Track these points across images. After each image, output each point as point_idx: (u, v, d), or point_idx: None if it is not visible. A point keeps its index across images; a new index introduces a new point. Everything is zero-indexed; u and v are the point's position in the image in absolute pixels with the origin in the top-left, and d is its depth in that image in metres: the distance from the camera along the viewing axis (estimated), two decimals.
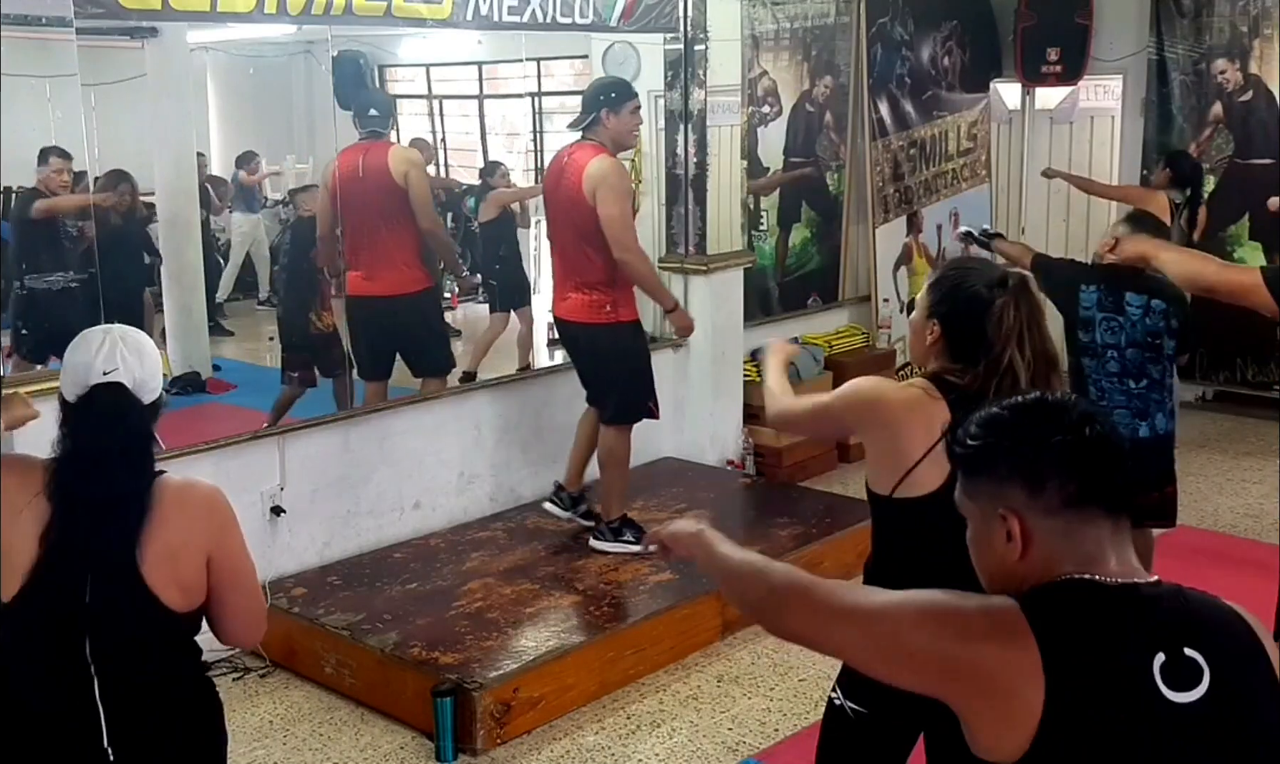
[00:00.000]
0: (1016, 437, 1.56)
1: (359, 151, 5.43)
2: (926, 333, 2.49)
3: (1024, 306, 2.39)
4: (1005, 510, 1.53)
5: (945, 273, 2.58)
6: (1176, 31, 7.62)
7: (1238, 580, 5.13)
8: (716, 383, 6.37)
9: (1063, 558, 1.51)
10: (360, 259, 5.50)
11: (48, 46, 3.98)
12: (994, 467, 1.56)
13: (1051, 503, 1.51)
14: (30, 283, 5.02)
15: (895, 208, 7.68)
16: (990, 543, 1.56)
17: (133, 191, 6.33)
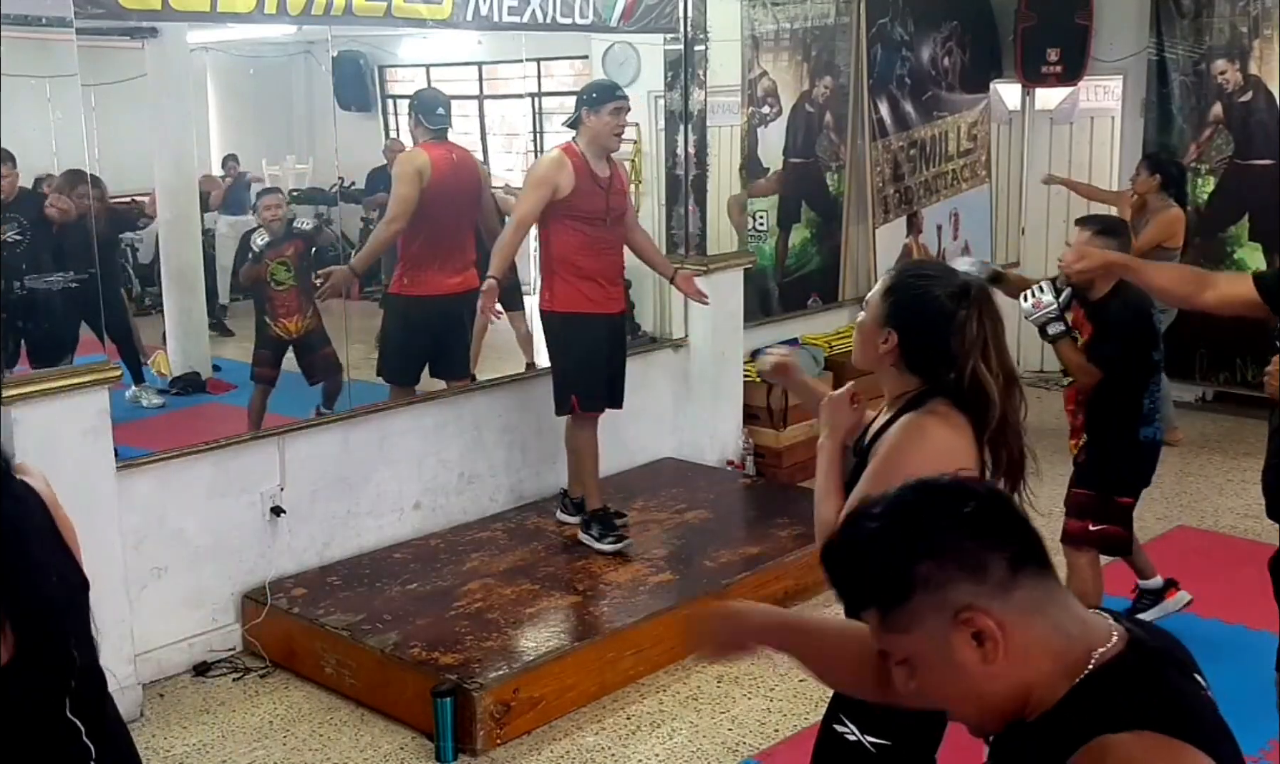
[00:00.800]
0: (934, 528, 1.33)
1: (447, 149, 5.51)
2: (879, 340, 2.35)
3: (988, 318, 2.28)
4: (961, 614, 1.30)
5: (904, 279, 2.40)
6: (1176, 32, 7.62)
7: (1238, 581, 5.14)
8: (716, 383, 6.37)
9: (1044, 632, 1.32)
10: (442, 257, 5.50)
11: (48, 46, 3.97)
12: (921, 580, 1.31)
13: (1001, 577, 1.31)
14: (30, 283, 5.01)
15: (895, 208, 7.68)
16: (955, 669, 1.32)
17: (102, 196, 6.29)
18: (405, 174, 5.44)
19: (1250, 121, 7.40)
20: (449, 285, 5.49)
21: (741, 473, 6.31)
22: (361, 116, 8.66)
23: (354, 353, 5.71)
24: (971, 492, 1.38)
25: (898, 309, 2.34)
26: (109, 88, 6.76)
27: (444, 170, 5.43)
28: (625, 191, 5.15)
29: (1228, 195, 7.49)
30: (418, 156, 5.45)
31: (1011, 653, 1.30)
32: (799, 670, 4.54)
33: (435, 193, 5.39)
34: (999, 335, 2.30)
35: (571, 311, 4.98)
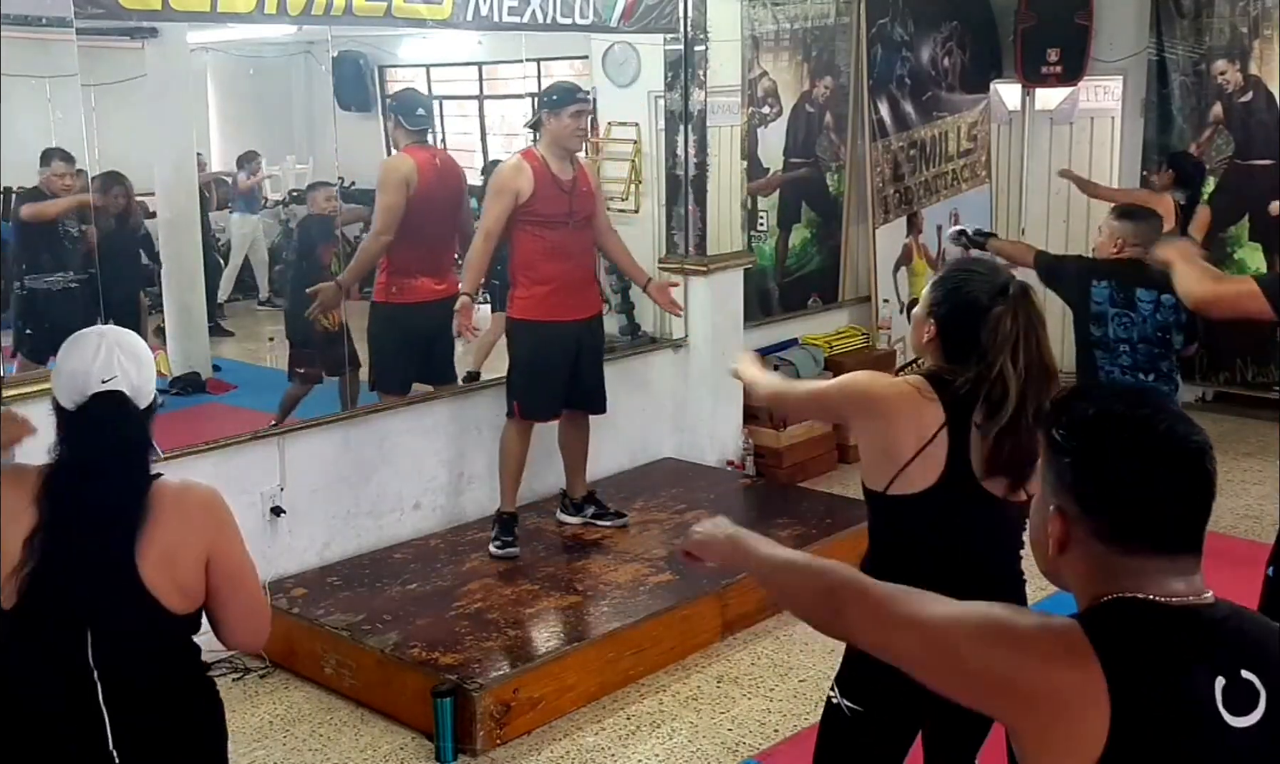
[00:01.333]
0: (1089, 451, 1.46)
1: (430, 153, 5.47)
2: (924, 329, 2.50)
3: (1022, 317, 2.36)
4: (1055, 509, 1.49)
5: (949, 272, 2.57)
6: (1176, 32, 7.62)
7: (1238, 581, 5.13)
8: (716, 383, 6.37)
9: (1104, 577, 1.46)
10: (429, 262, 5.46)
11: (48, 46, 3.98)
12: (1062, 467, 1.48)
13: (1102, 530, 1.45)
14: (30, 283, 5.03)
15: (895, 208, 7.68)
16: (1040, 520, 1.53)
17: (127, 195, 6.32)
18: (391, 182, 5.32)
19: (1250, 122, 7.40)
20: (436, 291, 5.40)
21: (741, 473, 6.31)
22: (361, 116, 8.68)
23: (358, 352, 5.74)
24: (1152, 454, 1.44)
25: (940, 301, 2.48)
26: (109, 88, 6.77)
27: (429, 175, 5.36)
28: (591, 194, 5.07)
29: (1228, 195, 7.48)
30: (403, 163, 5.34)
31: (1065, 558, 1.49)
32: (799, 671, 4.55)
33: (421, 199, 5.31)
34: (1035, 332, 2.38)
35: (526, 318, 4.96)
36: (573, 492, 5.30)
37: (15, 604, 2.05)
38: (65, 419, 2.15)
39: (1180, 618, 1.42)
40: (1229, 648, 1.43)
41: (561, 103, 4.87)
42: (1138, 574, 1.43)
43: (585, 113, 4.95)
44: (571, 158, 4.96)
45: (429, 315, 5.40)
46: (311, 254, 6.08)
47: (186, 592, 2.15)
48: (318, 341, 5.83)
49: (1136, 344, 4.33)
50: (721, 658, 4.62)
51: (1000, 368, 2.34)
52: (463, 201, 5.65)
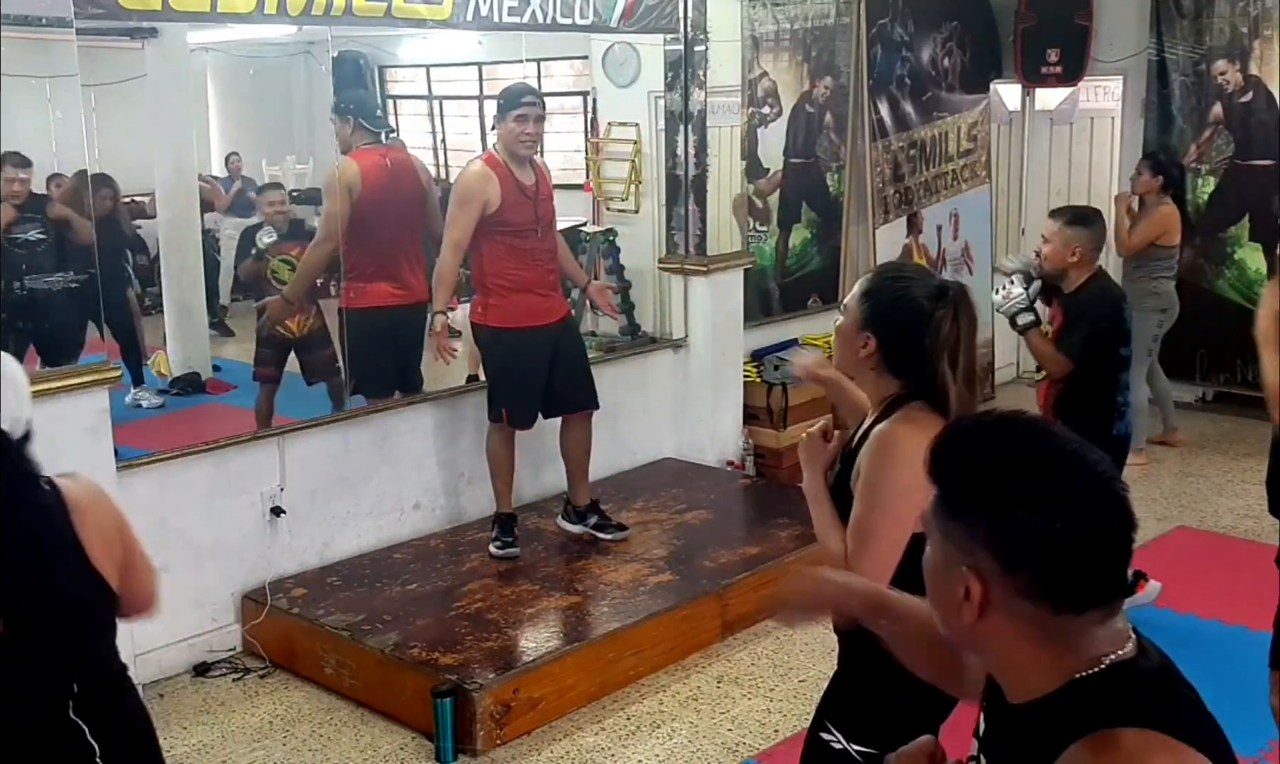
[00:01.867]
0: (1013, 497, 1.30)
1: (380, 154, 5.35)
2: (859, 345, 2.33)
3: (963, 319, 2.25)
4: (969, 568, 1.32)
5: (881, 282, 2.37)
6: (1177, 32, 7.62)
7: (1238, 581, 5.14)
8: (716, 383, 6.37)
9: (1036, 641, 1.32)
10: (387, 266, 5.37)
11: (48, 46, 3.97)
12: (972, 517, 1.32)
13: (1030, 590, 1.30)
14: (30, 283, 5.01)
15: (895, 209, 7.67)
16: (947, 585, 1.36)
17: (114, 197, 6.30)
18: (332, 190, 5.29)
19: (1250, 122, 7.40)
20: (397, 295, 5.34)
21: (741, 473, 6.31)
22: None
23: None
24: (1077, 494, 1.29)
25: (876, 312, 2.32)
26: (109, 88, 6.77)
27: (377, 178, 5.26)
28: (550, 199, 4.99)
29: (1228, 196, 7.49)
30: (346, 169, 5.25)
31: (989, 627, 1.33)
32: (799, 671, 4.56)
33: (369, 203, 5.22)
34: (970, 337, 2.27)
35: (503, 326, 4.90)
36: (575, 499, 5.21)
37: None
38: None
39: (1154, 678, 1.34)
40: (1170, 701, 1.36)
41: (507, 106, 4.78)
42: (1079, 633, 1.31)
43: (531, 117, 4.76)
44: (529, 160, 4.88)
45: (393, 319, 5.35)
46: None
47: (119, 568, 2.19)
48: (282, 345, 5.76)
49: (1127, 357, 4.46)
50: (721, 658, 4.62)
51: (939, 373, 2.23)
52: (423, 201, 5.49)
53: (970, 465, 1.35)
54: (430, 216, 5.45)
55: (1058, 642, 1.32)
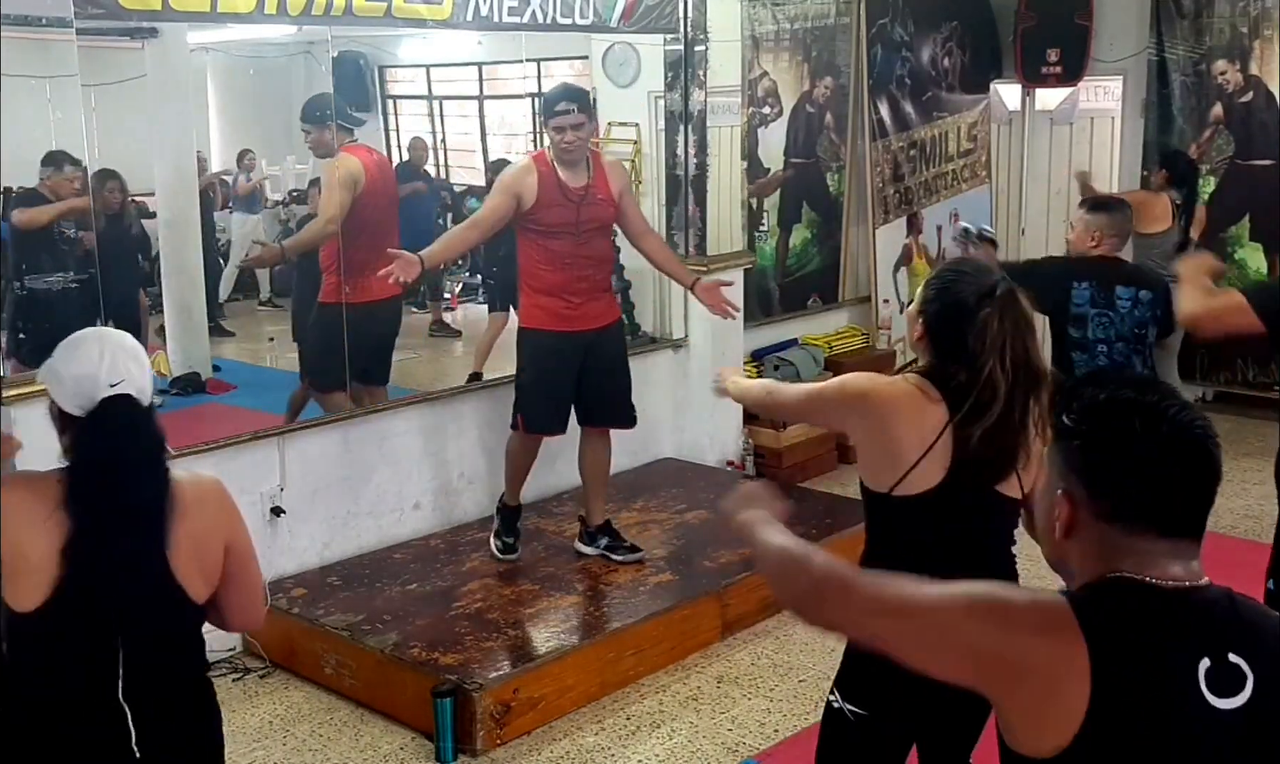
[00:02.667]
0: (1097, 434, 1.50)
1: (368, 152, 5.42)
2: (916, 326, 2.52)
3: (1009, 319, 2.36)
4: (1063, 492, 1.52)
5: (940, 271, 2.59)
6: (1177, 32, 7.62)
7: (1238, 581, 5.13)
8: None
9: (1105, 558, 1.49)
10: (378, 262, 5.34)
11: (48, 46, 3.98)
12: (1070, 450, 1.52)
13: (1105, 511, 1.49)
14: (30, 283, 5.02)
15: (895, 209, 7.68)
16: (1047, 506, 1.57)
17: (122, 190, 6.31)
18: (340, 180, 5.31)
19: (1251, 122, 7.40)
20: (389, 289, 5.20)
21: (741, 473, 6.31)
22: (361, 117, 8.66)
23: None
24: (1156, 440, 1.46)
25: (930, 300, 2.49)
26: (109, 88, 6.76)
27: (374, 175, 5.36)
28: (610, 201, 4.76)
29: (1228, 195, 7.49)
30: (348, 163, 5.31)
31: (1072, 541, 1.52)
32: (799, 671, 4.55)
33: (369, 198, 5.30)
34: (1023, 335, 2.37)
35: (530, 327, 4.80)
36: (590, 517, 5.07)
37: (41, 608, 2.05)
38: (76, 425, 2.14)
39: (1170, 599, 1.46)
40: (1218, 631, 1.46)
41: (544, 115, 4.71)
42: (1140, 556, 1.47)
43: (567, 126, 4.58)
44: (586, 163, 4.70)
45: (381, 316, 5.40)
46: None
47: (209, 579, 2.20)
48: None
49: (1114, 343, 4.29)
50: (721, 658, 4.62)
51: (989, 371, 2.33)
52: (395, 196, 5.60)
53: (1082, 401, 1.53)
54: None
55: (1128, 563, 1.47)
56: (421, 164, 8.52)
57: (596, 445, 4.99)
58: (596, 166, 4.77)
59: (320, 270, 5.55)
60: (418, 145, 8.71)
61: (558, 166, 4.65)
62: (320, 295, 5.49)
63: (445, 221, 9.42)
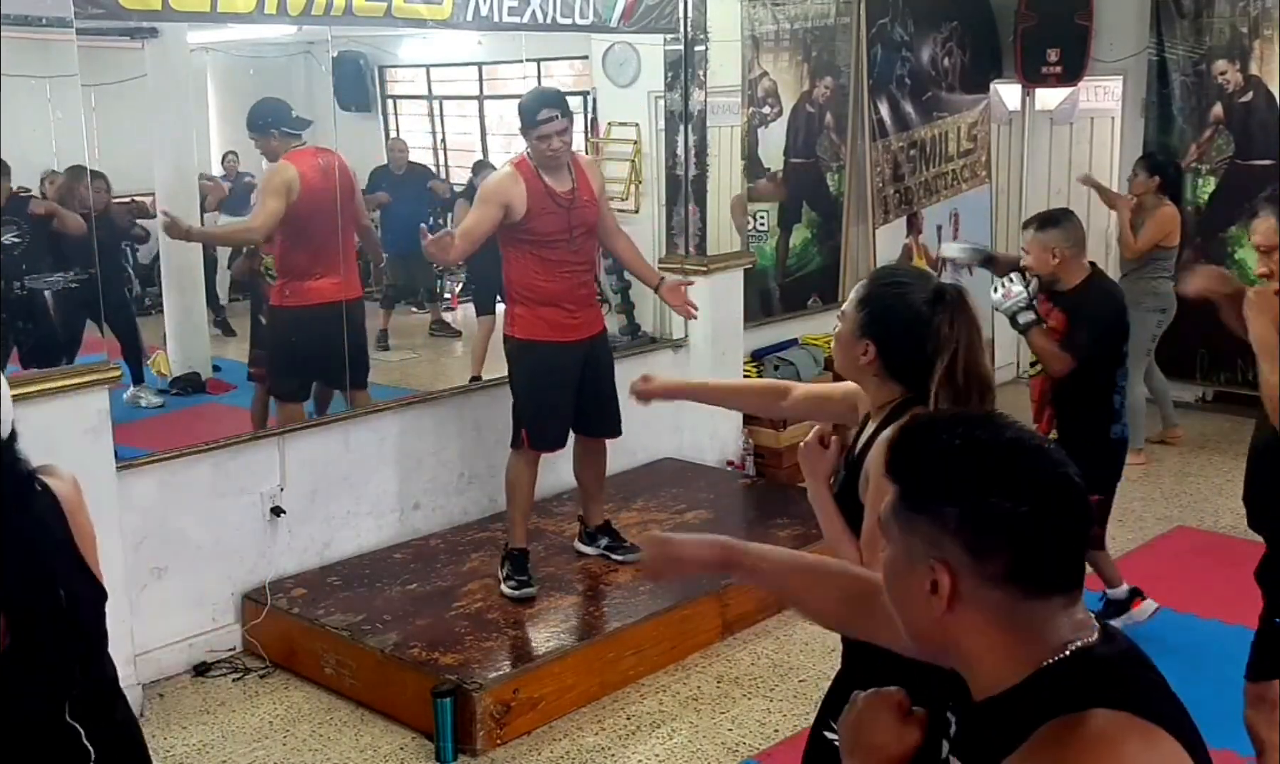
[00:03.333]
0: (972, 487, 1.32)
1: (313, 155, 5.32)
2: (859, 352, 2.32)
3: (961, 322, 2.22)
4: (937, 561, 1.33)
5: (877, 289, 2.36)
6: (1177, 32, 7.62)
7: (1238, 581, 5.12)
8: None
9: (987, 631, 1.34)
10: (320, 265, 5.35)
11: (48, 46, 3.97)
12: (938, 508, 1.34)
13: (996, 573, 1.32)
14: (30, 283, 5.01)
15: (895, 209, 7.68)
16: (910, 584, 1.37)
17: (106, 190, 6.30)
18: (274, 187, 5.26)
19: (1251, 122, 7.40)
20: (330, 293, 5.30)
21: (741, 473, 6.31)
22: (361, 117, 8.67)
23: None
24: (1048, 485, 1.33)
25: (874, 319, 2.31)
26: (109, 88, 6.76)
27: (314, 180, 5.24)
28: (593, 202, 4.70)
29: (1228, 196, 7.49)
30: (286, 171, 5.23)
31: (953, 618, 1.34)
32: (799, 672, 4.55)
33: (307, 204, 5.23)
34: (974, 340, 2.24)
35: (529, 338, 4.66)
36: (588, 519, 5.08)
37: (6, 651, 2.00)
38: None
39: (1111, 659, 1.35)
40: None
41: (525, 126, 4.55)
42: (1045, 620, 1.33)
43: (552, 133, 4.49)
44: (568, 165, 4.63)
45: (325, 318, 5.31)
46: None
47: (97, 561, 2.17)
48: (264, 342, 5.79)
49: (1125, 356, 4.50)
50: (721, 658, 4.62)
51: (963, 363, 2.20)
52: (353, 200, 5.48)
53: (935, 458, 1.37)
54: (359, 210, 5.54)
55: (1024, 630, 1.33)
56: (401, 166, 8.50)
57: (595, 454, 4.97)
58: (577, 168, 4.70)
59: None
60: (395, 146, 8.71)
61: (542, 173, 4.57)
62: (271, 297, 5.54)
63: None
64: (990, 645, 1.35)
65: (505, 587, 4.67)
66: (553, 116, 4.53)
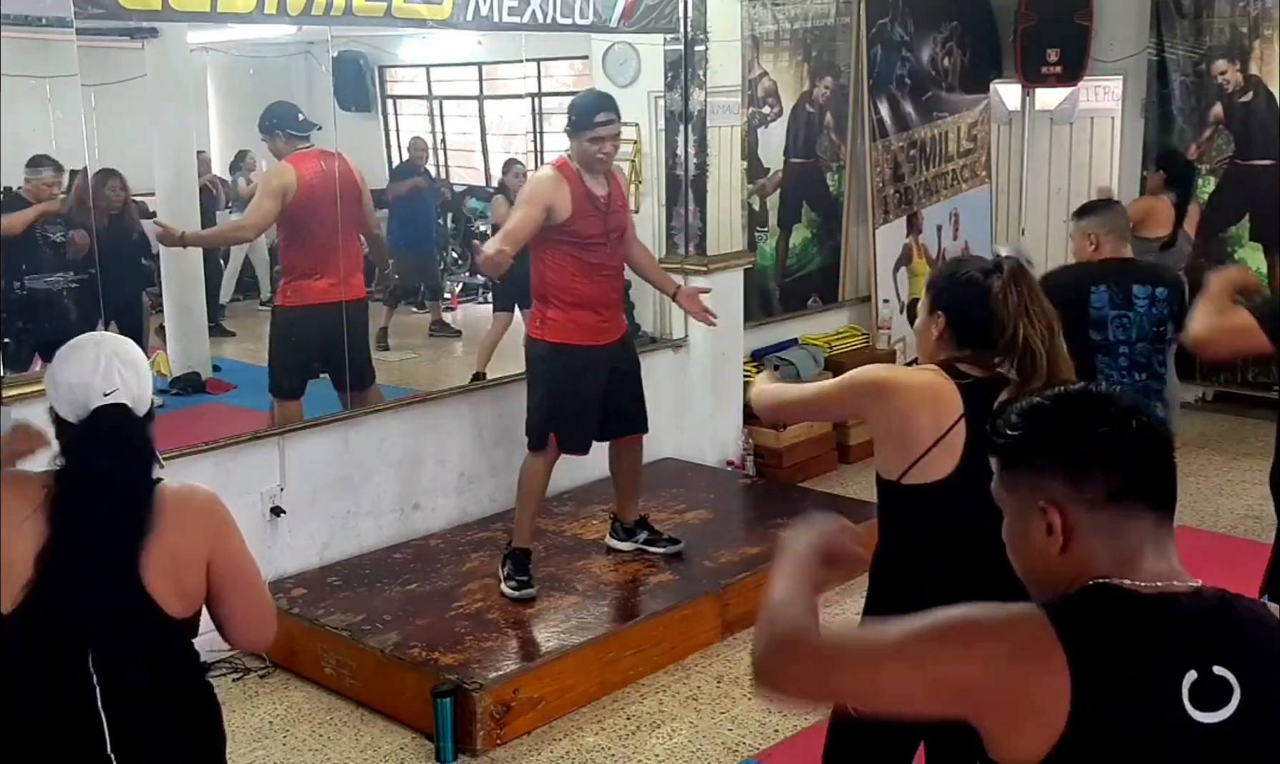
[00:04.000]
0: (1060, 426, 1.51)
1: (315, 158, 5.33)
2: (933, 328, 2.52)
3: (1023, 285, 2.43)
4: (1046, 502, 1.48)
5: (940, 269, 2.67)
6: (1177, 32, 7.62)
7: (1238, 581, 5.13)
8: (716, 383, 6.37)
9: (1103, 554, 1.47)
10: (321, 267, 5.36)
11: (48, 46, 3.98)
12: (1035, 457, 1.51)
13: (1095, 495, 1.46)
14: (30, 283, 5.02)
15: (895, 208, 7.68)
16: (1029, 537, 1.51)
17: (124, 189, 6.32)
18: (270, 188, 5.32)
19: (1250, 122, 7.40)
20: (333, 294, 5.32)
21: (741, 473, 6.31)
22: (361, 116, 8.68)
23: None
24: (1118, 416, 1.50)
25: (940, 293, 2.54)
26: (109, 88, 6.77)
27: (313, 183, 5.25)
28: (625, 208, 4.77)
29: (1228, 195, 7.49)
30: (285, 173, 5.26)
31: (1071, 552, 1.47)
32: None
33: (305, 206, 5.24)
34: (1038, 301, 2.43)
35: (563, 342, 4.62)
36: (623, 515, 5.08)
37: (16, 610, 2.05)
38: (67, 430, 2.14)
39: (1154, 607, 1.44)
40: (1204, 641, 1.42)
41: (579, 127, 4.49)
42: (1132, 541, 1.47)
43: (605, 137, 4.49)
44: (606, 171, 4.61)
45: (326, 319, 5.33)
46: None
47: (187, 596, 2.16)
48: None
49: (1135, 343, 4.30)
50: (721, 658, 4.62)
51: (1023, 335, 2.38)
52: (359, 202, 5.48)
53: (1023, 416, 1.54)
54: (366, 216, 5.56)
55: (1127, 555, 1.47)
56: (421, 164, 8.52)
57: (631, 452, 4.97)
58: (611, 174, 4.69)
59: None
60: (417, 145, 8.73)
61: (584, 176, 4.54)
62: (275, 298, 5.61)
63: (446, 221, 9.46)
64: (1093, 570, 1.47)
65: (505, 586, 4.65)
66: (610, 120, 4.52)
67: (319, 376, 5.48)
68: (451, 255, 9.43)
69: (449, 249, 9.42)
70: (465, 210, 9.37)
